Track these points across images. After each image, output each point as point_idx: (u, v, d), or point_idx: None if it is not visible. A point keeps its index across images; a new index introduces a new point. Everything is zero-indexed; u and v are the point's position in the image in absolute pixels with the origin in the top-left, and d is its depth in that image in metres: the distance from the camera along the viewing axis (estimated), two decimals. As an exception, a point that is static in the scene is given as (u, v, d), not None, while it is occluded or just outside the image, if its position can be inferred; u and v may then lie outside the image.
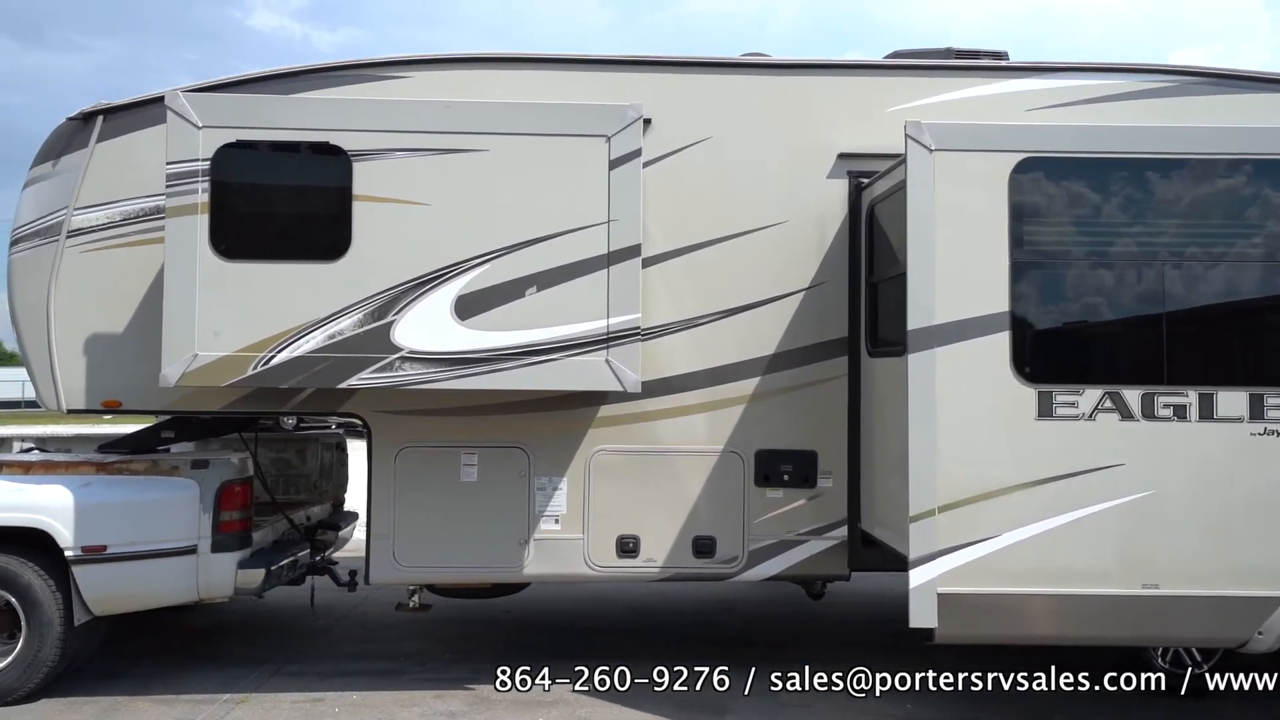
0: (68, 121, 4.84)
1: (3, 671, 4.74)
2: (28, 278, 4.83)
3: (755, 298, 4.95)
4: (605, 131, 4.44)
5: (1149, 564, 3.94)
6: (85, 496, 4.83)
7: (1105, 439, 3.95)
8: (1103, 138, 4.05)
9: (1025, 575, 3.93)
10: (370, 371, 4.36)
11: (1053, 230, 4.07)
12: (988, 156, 3.99)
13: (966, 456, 3.94)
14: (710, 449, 4.93)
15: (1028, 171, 4.00)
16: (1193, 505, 3.95)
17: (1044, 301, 4.06)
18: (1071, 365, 4.07)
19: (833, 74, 5.02)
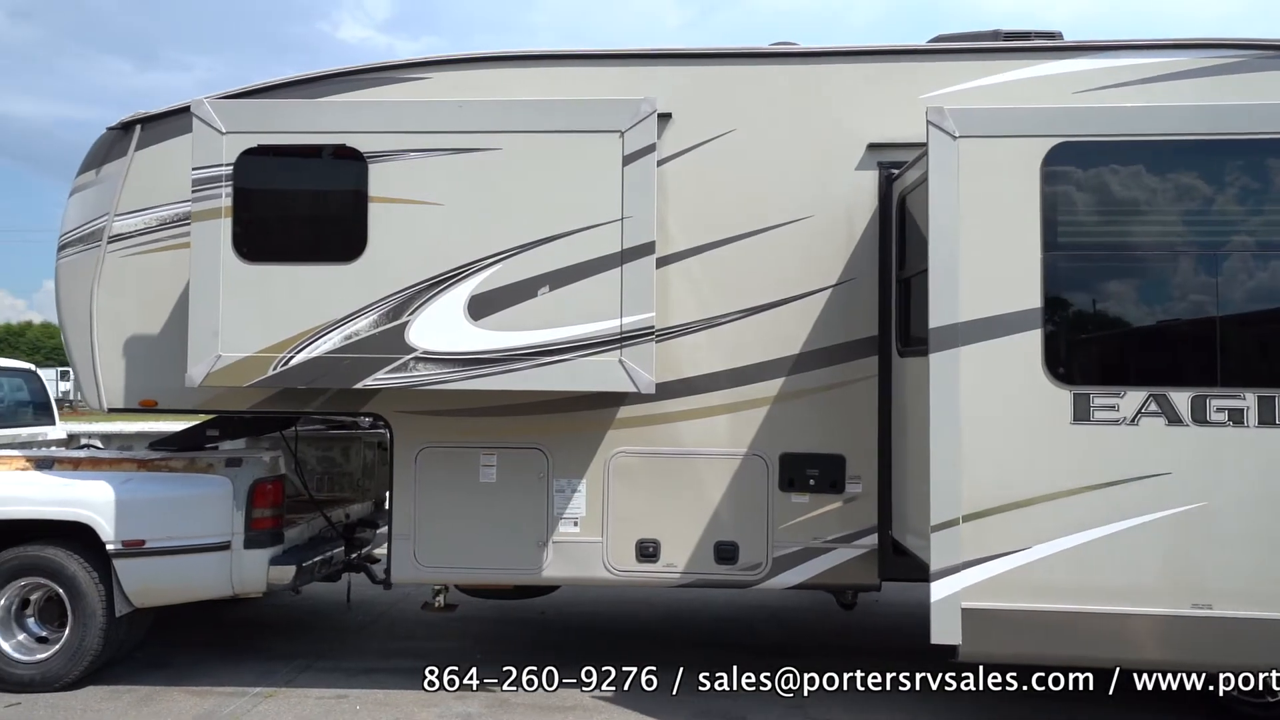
0: (108, 131, 5.03)
1: (50, 659, 4.95)
2: (73, 282, 5.03)
3: (780, 295, 4.77)
4: (618, 126, 4.35)
5: (1200, 583, 3.61)
6: (125, 492, 5.00)
7: (1150, 445, 3.64)
8: (1145, 119, 3.73)
9: (1059, 591, 3.66)
10: (385, 372, 4.37)
11: (1090, 220, 3.77)
12: (1018, 142, 3.73)
13: (994, 463, 3.69)
14: (733, 452, 4.78)
15: (1062, 157, 3.73)
16: (1250, 519, 3.61)
17: (1080, 297, 3.77)
18: (1111, 365, 3.77)
19: (861, 61, 4.80)
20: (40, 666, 4.95)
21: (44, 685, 4.91)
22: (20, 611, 5.10)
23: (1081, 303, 3.79)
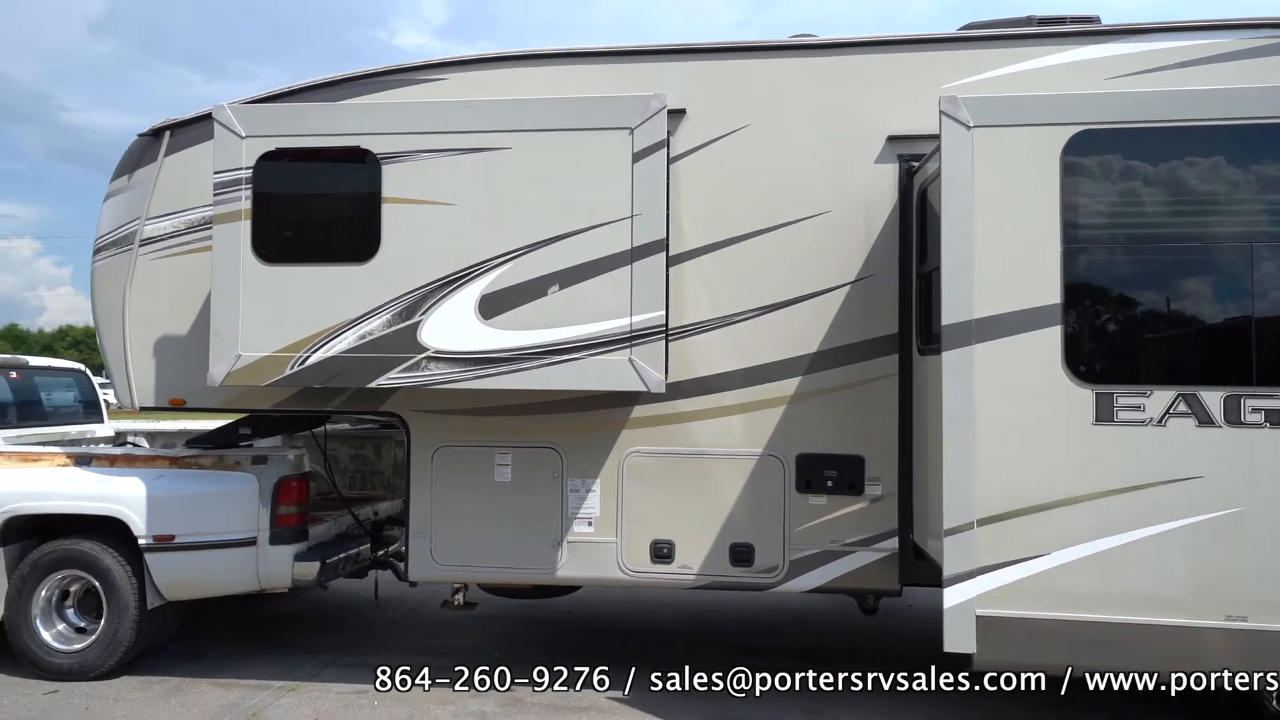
0: (139, 138, 5.19)
1: (87, 649, 5.13)
2: (107, 285, 5.20)
3: (796, 293, 4.68)
4: (628, 123, 4.31)
5: (1235, 592, 3.42)
6: (156, 488, 5.15)
7: (1179, 448, 3.45)
8: (1172, 104, 3.54)
9: (1081, 599, 3.49)
10: (398, 371, 4.41)
11: (1114, 211, 3.59)
12: (1036, 131, 3.58)
13: (1010, 465, 3.55)
14: (748, 452, 4.70)
15: (1083, 146, 3.56)
16: (1289, 526, 3.39)
17: (1103, 292, 3.60)
18: (1136, 364, 3.59)
19: (881, 51, 4.67)
20: (78, 656, 5.12)
21: (81, 674, 5.08)
22: (60, 603, 5.29)
23: (1104, 298, 3.61)
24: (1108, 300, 3.61)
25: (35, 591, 5.17)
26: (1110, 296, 3.61)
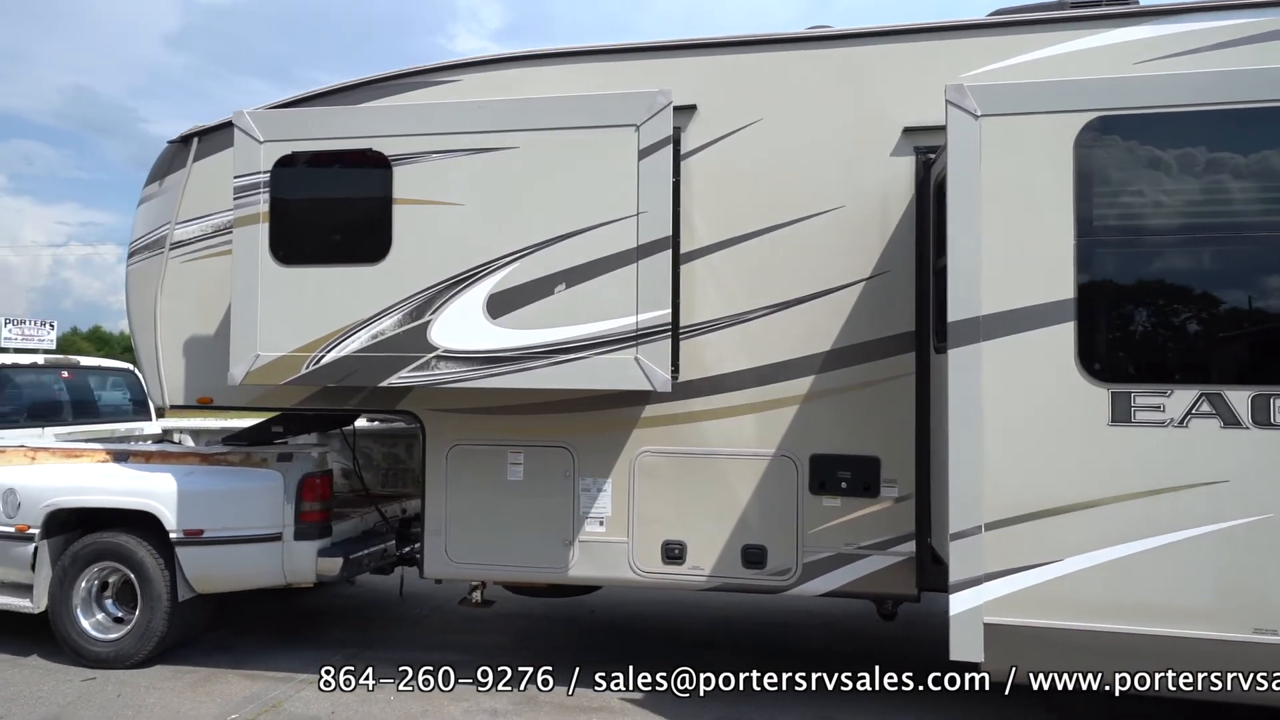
0: (169, 144, 5.36)
1: (123, 639, 5.32)
2: (140, 287, 5.38)
3: (810, 290, 4.58)
4: (634, 120, 4.27)
5: (1265, 605, 3.21)
6: (187, 484, 5.31)
7: (1203, 450, 3.26)
8: (1195, 86, 3.34)
9: (1096, 609, 3.33)
10: (409, 370, 4.45)
11: (1131, 201, 3.41)
12: (1048, 119, 3.42)
13: (1020, 467, 3.40)
14: (761, 452, 4.61)
15: (1097, 133, 3.39)
16: (1324, 534, 3.17)
17: (1119, 286, 3.42)
18: (1155, 361, 3.40)
19: (896, 41, 4.53)
20: (114, 645, 5.32)
21: (117, 662, 5.28)
22: (100, 593, 5.50)
23: (1120, 292, 3.43)
24: (1124, 295, 3.44)
25: (76, 582, 5.39)
26: (1127, 291, 3.43)
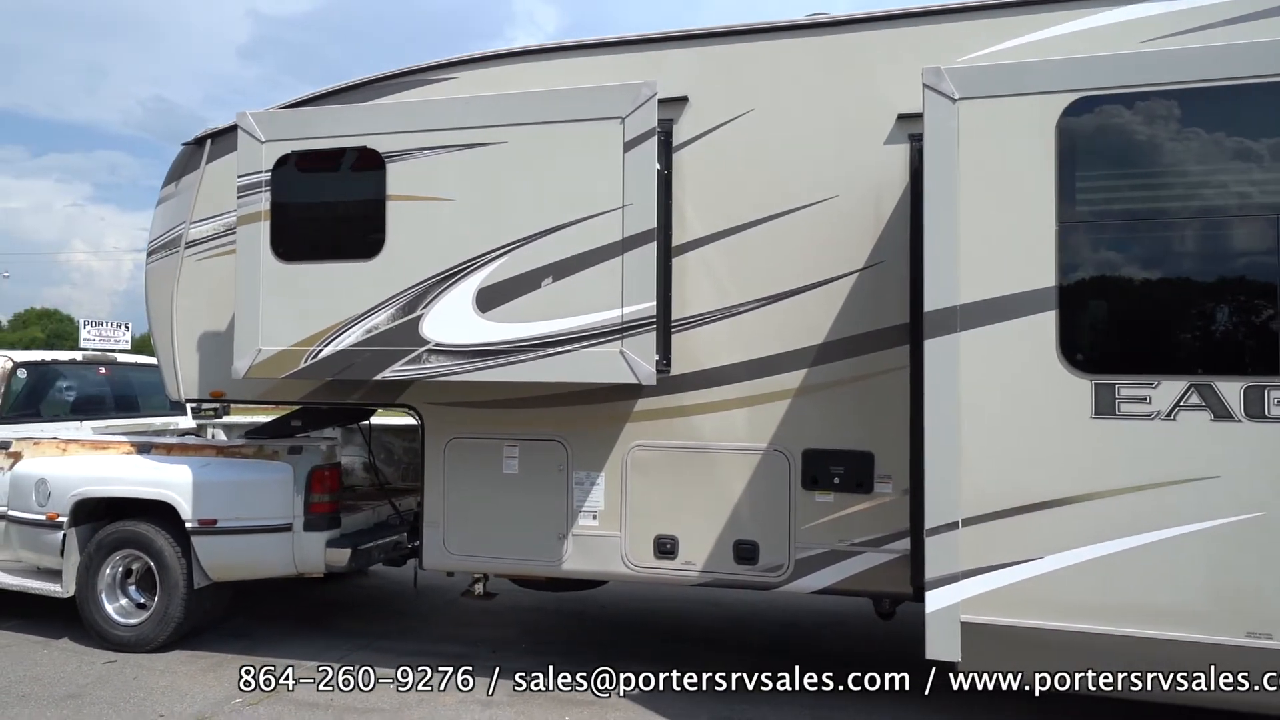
0: (184, 146, 5.54)
1: (143, 624, 5.52)
2: (159, 285, 5.58)
3: (802, 282, 4.50)
4: (619, 113, 4.26)
5: (1257, 607, 3.05)
6: (202, 475, 5.48)
7: (1191, 444, 3.10)
8: (1185, 63, 3.18)
9: (1078, 609, 3.20)
10: (402, 364, 4.52)
11: (1116, 184, 3.27)
12: (1029, 101, 3.30)
13: (999, 461, 3.29)
14: (753, 447, 4.56)
15: (1081, 114, 3.26)
16: (1323, 534, 2.99)
17: (1104, 273, 3.27)
18: (1141, 351, 3.24)
19: (889, 25, 4.43)
20: (135, 630, 5.52)
21: (137, 646, 5.48)
22: (124, 580, 5.71)
23: (1104, 279, 3.28)
24: (1109, 282, 3.29)
25: (101, 568, 5.61)
26: (1112, 277, 3.28)
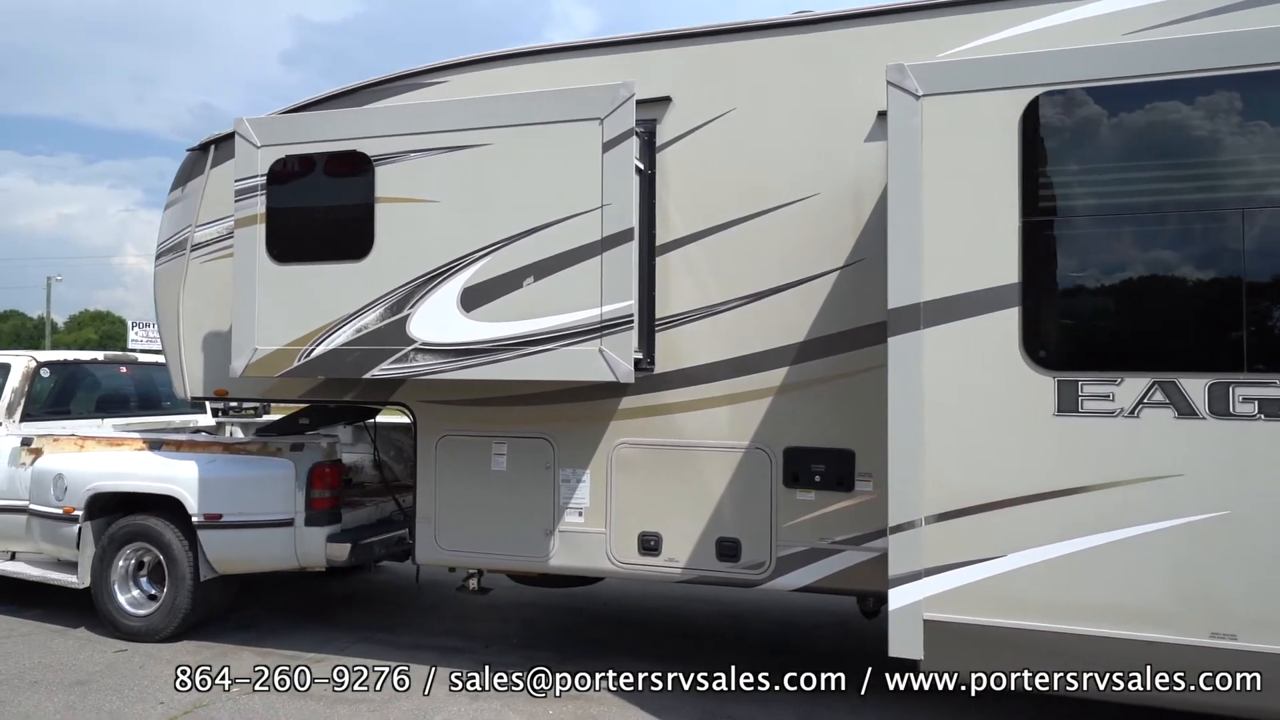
0: (189, 152, 5.71)
1: (152, 614, 5.72)
2: (166, 287, 5.76)
3: (783, 280, 4.51)
4: (597, 114, 4.31)
5: (1222, 607, 3.00)
6: (208, 471, 5.65)
7: (1155, 442, 3.06)
8: (1151, 56, 3.13)
9: (1041, 608, 3.17)
10: (390, 363, 4.62)
11: (1080, 180, 3.23)
12: (992, 96, 3.28)
13: (962, 459, 3.27)
14: (735, 445, 4.58)
15: (1045, 109, 3.23)
16: (1289, 534, 2.93)
17: (1067, 269, 3.24)
18: (1104, 347, 3.20)
19: (869, 23, 4.41)
20: (145, 620, 5.72)
21: (147, 636, 5.67)
22: (136, 572, 5.91)
23: (1068, 275, 3.25)
24: (1072, 278, 3.25)
25: (114, 561, 5.81)
26: (1075, 274, 3.25)
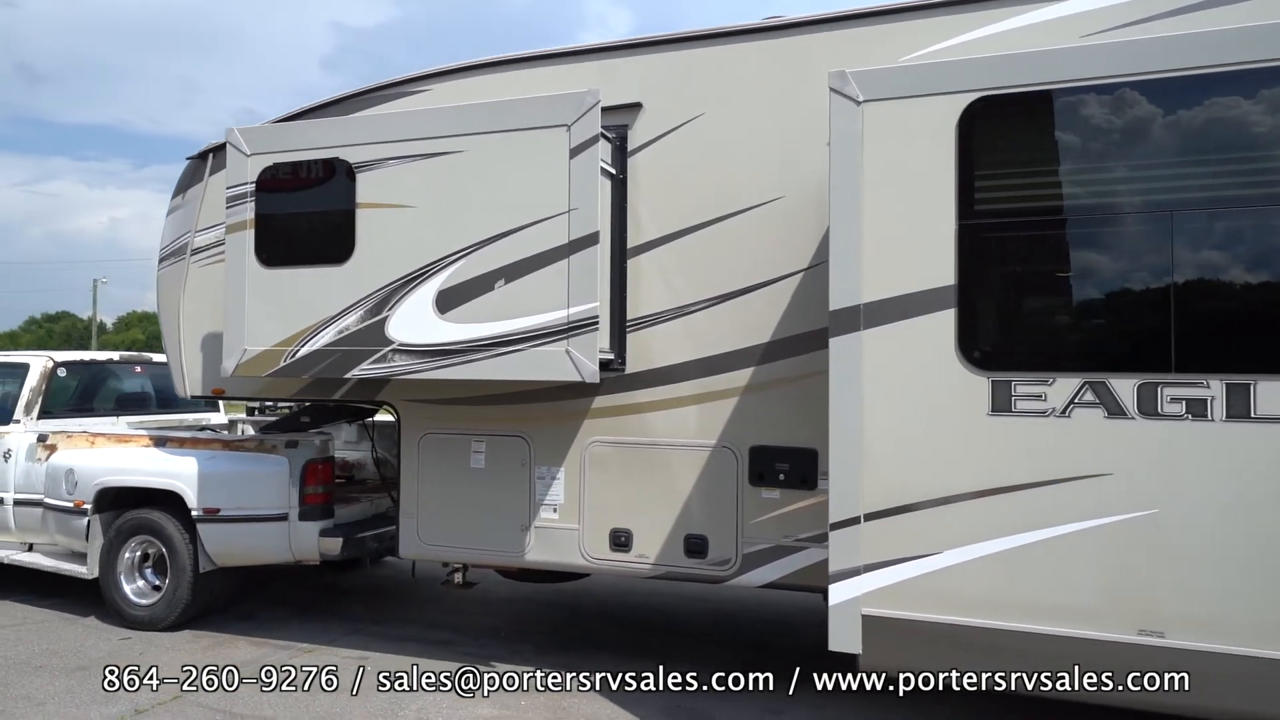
0: (189, 160, 5.94)
1: (155, 604, 5.96)
2: (168, 290, 6.00)
3: (748, 282, 4.60)
4: (565, 120, 4.43)
5: (1150, 605, 3.03)
6: (207, 467, 5.88)
7: (1085, 441, 3.10)
8: (1085, 60, 3.17)
9: (975, 604, 3.23)
10: (369, 363, 4.79)
11: (1014, 183, 3.27)
12: (930, 102, 3.34)
13: (900, 458, 3.34)
14: (703, 443, 4.67)
15: (981, 115, 3.28)
16: (1217, 532, 2.96)
17: (1000, 271, 3.29)
18: (1037, 348, 3.24)
19: (832, 28, 4.48)
20: (149, 609, 5.96)
21: (151, 625, 5.91)
22: (142, 563, 6.16)
23: (1002, 277, 3.30)
24: (1006, 280, 3.30)
25: (120, 552, 6.07)
26: (1008, 276, 3.29)
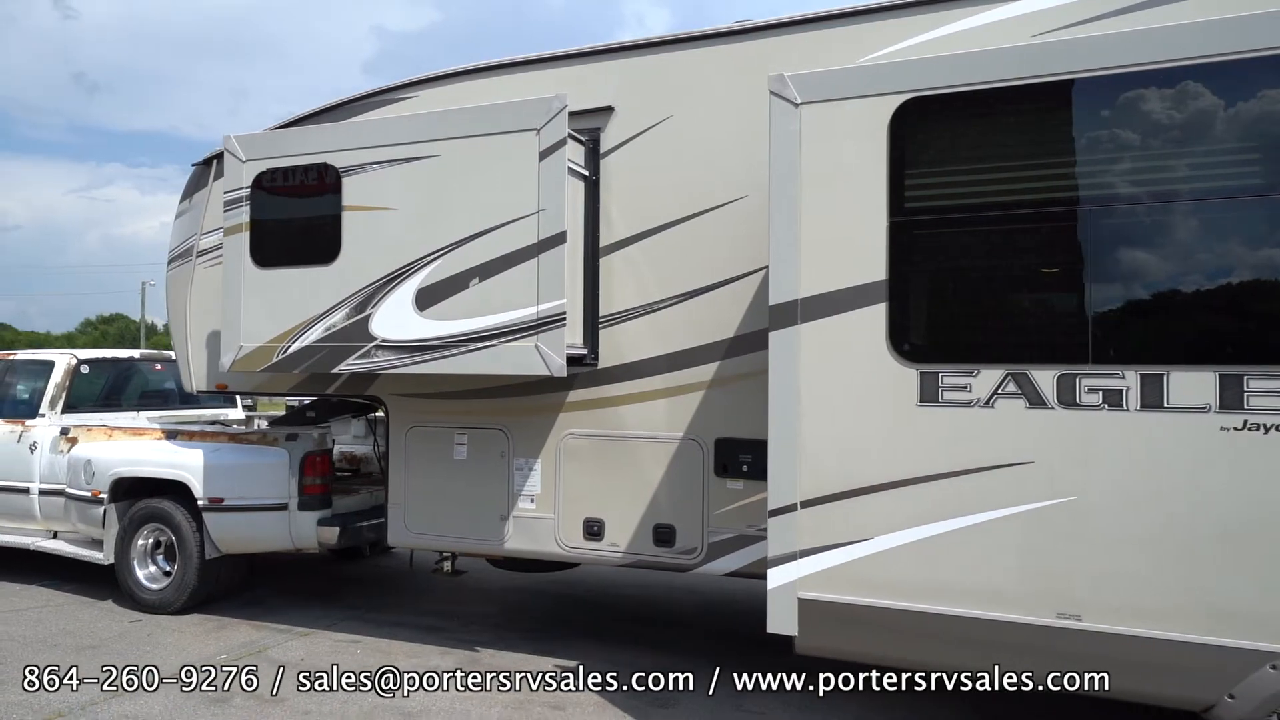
0: (194, 166, 6.24)
1: (165, 589, 6.28)
2: (176, 290, 6.31)
3: (714, 279, 4.74)
4: (534, 124, 4.62)
5: (1067, 590, 3.11)
6: (213, 458, 6.18)
7: (1007, 431, 3.20)
8: (1010, 60, 3.25)
9: (904, 588, 3.34)
10: (354, 358, 5.02)
11: (941, 182, 3.37)
12: (863, 103, 3.45)
13: (834, 447, 3.46)
14: (671, 436, 4.83)
15: (911, 115, 3.38)
16: (1131, 518, 3.03)
17: (929, 266, 3.39)
18: (963, 341, 3.33)
19: (795, 31, 4.60)
20: (159, 594, 6.28)
21: (160, 609, 6.23)
22: (154, 550, 6.48)
23: (930, 273, 3.40)
24: (933, 275, 3.40)
25: (133, 540, 6.40)
26: (936, 271, 3.39)
